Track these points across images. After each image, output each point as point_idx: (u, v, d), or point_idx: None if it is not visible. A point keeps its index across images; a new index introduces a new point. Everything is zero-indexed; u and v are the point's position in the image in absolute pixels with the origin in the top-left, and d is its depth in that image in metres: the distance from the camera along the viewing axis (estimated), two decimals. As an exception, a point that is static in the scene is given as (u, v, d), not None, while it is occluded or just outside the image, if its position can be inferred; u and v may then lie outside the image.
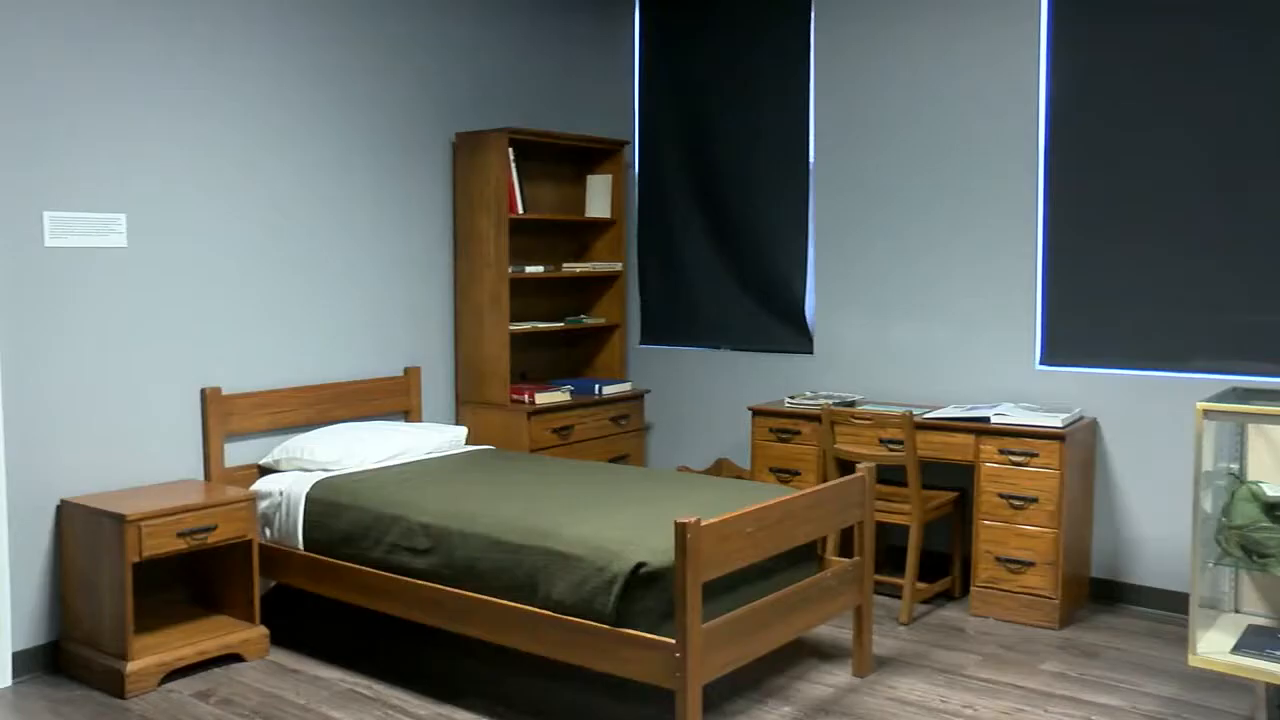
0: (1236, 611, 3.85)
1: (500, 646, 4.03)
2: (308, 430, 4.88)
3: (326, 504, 4.27)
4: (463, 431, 5.10)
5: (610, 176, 6.07)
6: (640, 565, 3.34)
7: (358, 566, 4.10)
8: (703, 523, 3.19)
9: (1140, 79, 4.75)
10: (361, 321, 5.18)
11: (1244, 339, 4.58)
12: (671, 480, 4.41)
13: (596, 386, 5.77)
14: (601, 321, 6.10)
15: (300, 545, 4.32)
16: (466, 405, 5.56)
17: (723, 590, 3.51)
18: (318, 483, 4.39)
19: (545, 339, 6.04)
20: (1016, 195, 5.05)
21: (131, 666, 3.87)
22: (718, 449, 5.99)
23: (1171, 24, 4.67)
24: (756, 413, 5.29)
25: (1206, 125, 4.62)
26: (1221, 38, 4.56)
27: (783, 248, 5.78)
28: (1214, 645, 3.54)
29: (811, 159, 5.66)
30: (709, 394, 6.04)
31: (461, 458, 4.85)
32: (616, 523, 3.65)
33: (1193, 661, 3.51)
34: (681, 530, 3.14)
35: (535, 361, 6.00)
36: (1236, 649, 3.51)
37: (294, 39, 4.83)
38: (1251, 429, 3.76)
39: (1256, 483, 3.59)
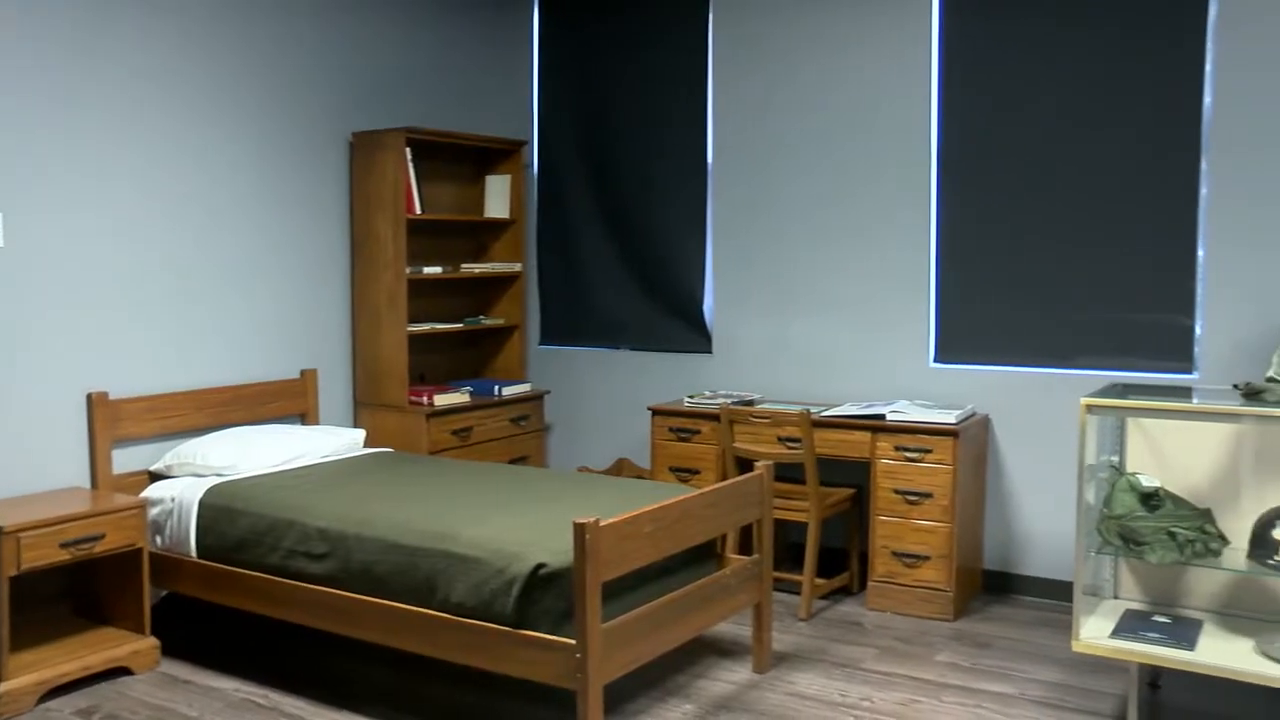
0: (1116, 598, 3.98)
1: (401, 650, 3.99)
2: (201, 435, 4.77)
3: (220, 509, 4.18)
4: (360, 434, 5.03)
5: (509, 176, 6.05)
6: (540, 566, 3.33)
7: (253, 573, 4.02)
8: (601, 523, 3.20)
9: (1029, 80, 4.89)
10: (256, 323, 5.08)
11: (1125, 336, 4.75)
12: (571, 481, 4.41)
13: (496, 387, 5.75)
14: (501, 322, 6.08)
15: (193, 552, 4.22)
16: (364, 407, 5.49)
17: (623, 590, 3.52)
18: (211, 488, 4.29)
19: (444, 340, 6.00)
20: (911, 195, 5.16)
21: (5, 686, 3.72)
22: (618, 449, 6.00)
23: (1057, 26, 4.81)
24: (656, 412, 5.32)
25: (1088, 127, 4.77)
26: (1101, 40, 4.72)
27: (681, 247, 5.82)
28: (1095, 631, 3.66)
29: (709, 158, 5.71)
30: (609, 394, 6.05)
31: (359, 460, 4.79)
32: (516, 524, 3.64)
33: (1076, 647, 3.61)
34: (580, 531, 3.15)
35: (434, 363, 5.95)
36: (1115, 633, 3.63)
37: (177, 33, 4.72)
38: (1130, 422, 3.89)
39: (1134, 474, 3.72)
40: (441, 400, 5.39)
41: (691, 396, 5.37)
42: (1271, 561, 3.46)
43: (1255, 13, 4.41)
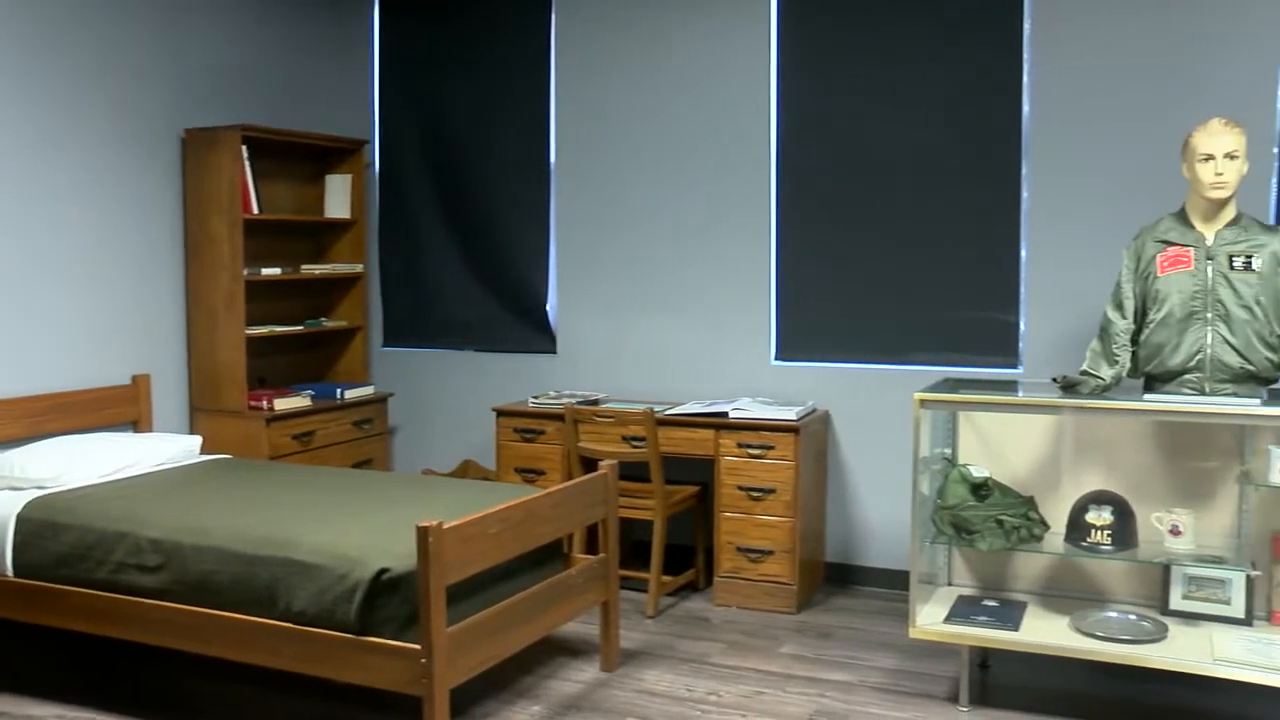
0: (949, 584, 4.14)
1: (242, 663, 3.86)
2: (21, 445, 4.53)
3: (41, 524, 3.95)
4: (197, 441, 4.86)
5: (349, 176, 5.93)
6: (383, 571, 3.28)
7: (78, 589, 3.83)
8: (445, 525, 3.17)
9: (864, 86, 5.04)
10: (84, 327, 4.86)
11: (955, 333, 4.94)
12: (416, 484, 4.36)
13: (338, 391, 5.64)
14: (343, 324, 5.96)
15: (9, 571, 3.99)
16: (201, 413, 5.31)
17: (469, 592, 3.49)
18: (31, 502, 4.06)
19: (284, 343, 5.84)
20: (751, 196, 5.26)
21: None
22: (463, 451, 5.95)
23: (891, 35, 4.97)
24: (500, 413, 5.30)
25: (920, 132, 4.94)
26: (930, 49, 4.90)
27: (524, 247, 5.80)
28: (930, 617, 3.81)
29: (552, 158, 5.71)
30: (453, 395, 5.99)
31: (195, 468, 4.63)
32: (359, 529, 3.58)
33: (912, 633, 3.76)
34: (424, 534, 3.11)
35: (274, 366, 5.78)
36: (948, 619, 3.79)
37: (-3, 25, 4.50)
38: (961, 416, 4.05)
39: (965, 465, 3.88)
40: (282, 404, 5.26)
41: (536, 397, 5.36)
42: (1085, 544, 3.66)
43: (1066, 28, 4.65)
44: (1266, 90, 4.39)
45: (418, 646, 3.18)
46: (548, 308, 5.79)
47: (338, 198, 5.94)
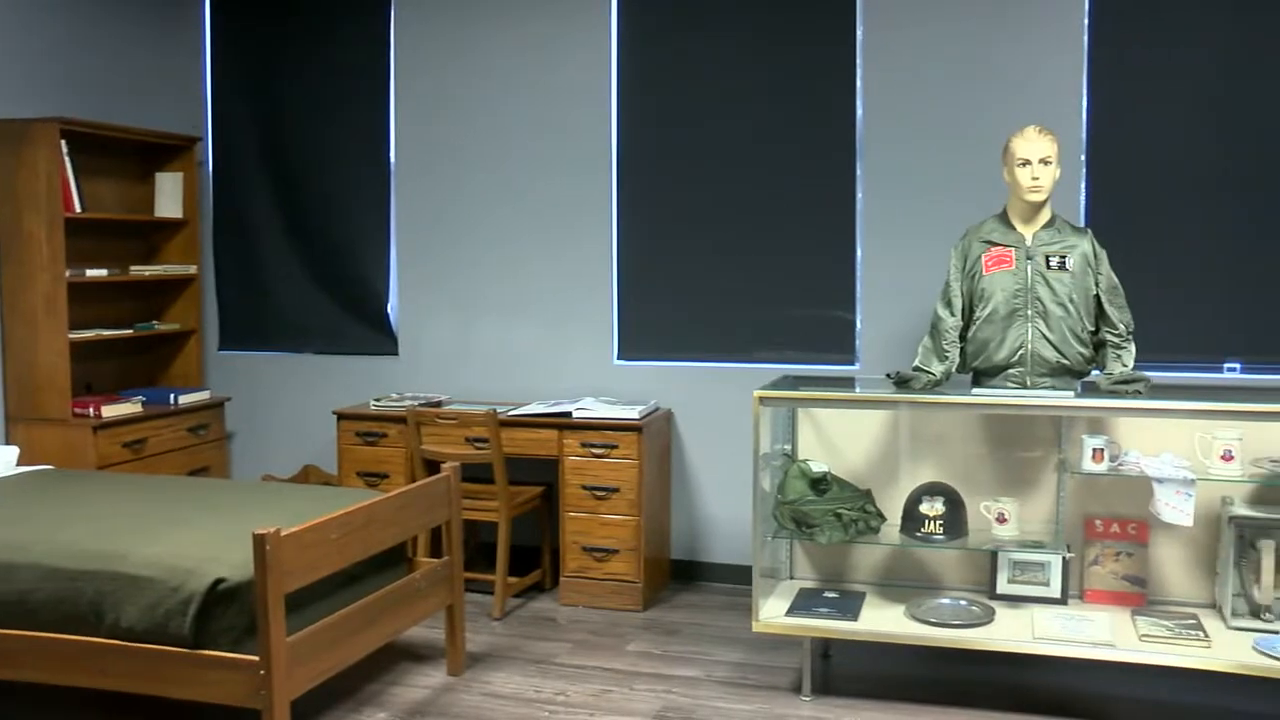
0: (791, 578, 4.24)
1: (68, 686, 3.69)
2: None
3: None
4: (13, 452, 4.63)
5: (181, 174, 5.72)
6: (219, 581, 3.18)
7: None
8: (283, 532, 3.10)
9: (703, 86, 5.11)
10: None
11: (795, 330, 5.05)
12: (255, 490, 4.25)
13: (172, 396, 5.44)
14: (176, 327, 5.75)
15: None
16: (19, 423, 5.05)
17: (310, 600, 3.41)
18: None
19: (113, 347, 5.59)
20: (592, 195, 5.28)
21: None
22: (304, 455, 5.81)
23: (728, 37, 5.06)
24: (342, 416, 5.20)
25: (759, 133, 5.04)
26: (767, 52, 5.00)
27: (364, 247, 5.70)
28: (773, 610, 3.89)
29: (392, 156, 5.62)
30: (293, 399, 5.85)
31: (12, 481, 4.39)
32: (193, 539, 3.46)
33: (756, 627, 3.84)
34: (260, 541, 3.03)
35: (102, 372, 5.54)
36: (790, 611, 3.88)
37: None
38: (801, 412, 4.15)
39: (805, 461, 3.97)
40: (110, 411, 5.05)
41: (378, 400, 5.28)
42: (919, 534, 3.79)
43: (896, 35, 4.81)
44: (1074, 101, 4.62)
45: (256, 658, 3.10)
46: (389, 308, 5.70)
47: (169, 196, 5.73)
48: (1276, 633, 3.55)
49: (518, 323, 5.45)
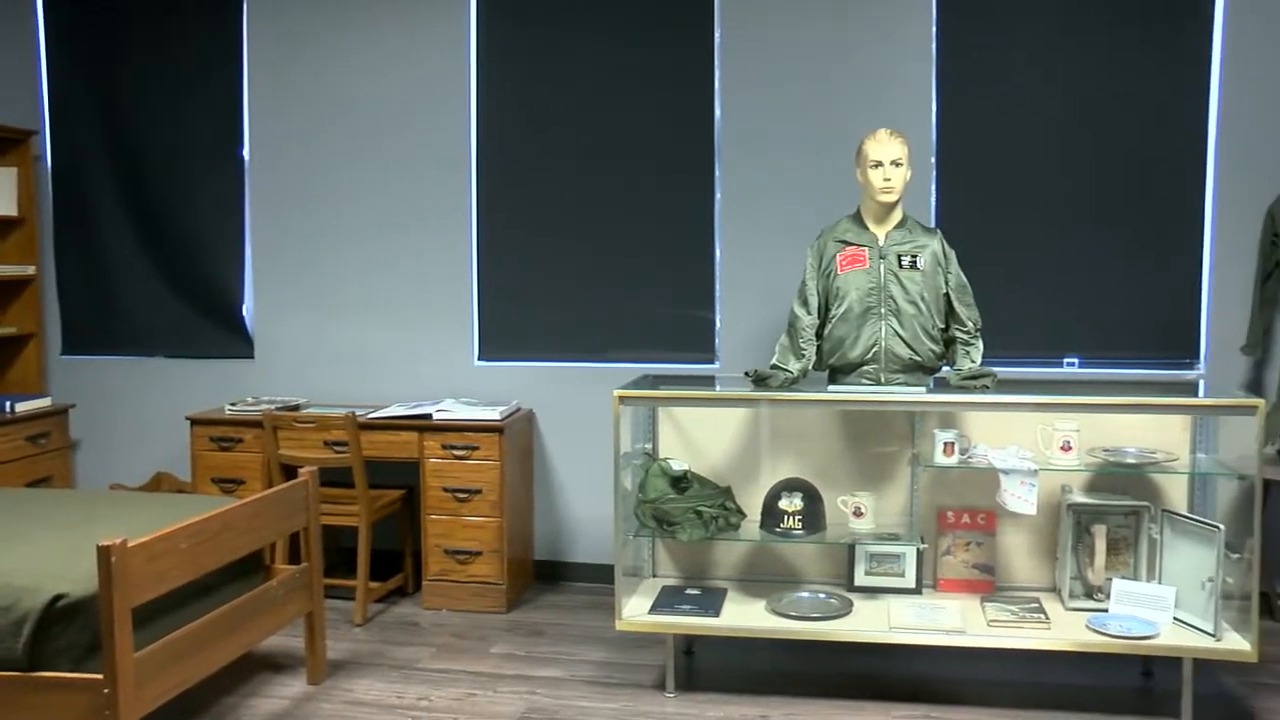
0: (654, 576, 4.27)
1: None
2: None
3: None
4: None
5: (15, 170, 5.47)
6: (58, 598, 3.04)
7: None
8: (130, 543, 2.98)
9: (562, 85, 5.11)
10: None
11: (655, 330, 5.09)
12: (102, 501, 4.09)
13: (8, 403, 5.20)
14: (12, 331, 5.50)
15: None
16: None
17: (160, 613, 3.29)
18: None
19: (-58, 353, 5.33)
20: (451, 193, 5.23)
21: None
22: (156, 463, 5.61)
23: (586, 36, 5.07)
24: (195, 422, 5.04)
25: (618, 134, 5.06)
26: (628, 52, 5.03)
27: (217, 247, 5.54)
28: (636, 609, 3.91)
29: (246, 152, 5.47)
30: (144, 405, 5.64)
31: None
32: (31, 553, 3.31)
33: (619, 626, 3.85)
34: (105, 553, 2.91)
35: (-69, 379, 5.27)
36: (653, 609, 3.91)
37: None
38: (661, 411, 4.18)
39: (665, 460, 4.01)
40: (-60, 421, 4.81)
41: (233, 404, 5.14)
42: (779, 530, 3.86)
43: (754, 35, 4.89)
44: (925, 104, 4.77)
45: (99, 676, 2.97)
46: (244, 309, 5.55)
47: (2, 193, 5.46)
48: (1107, 611, 3.73)
49: (377, 323, 5.36)
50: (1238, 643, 3.51)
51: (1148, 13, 4.63)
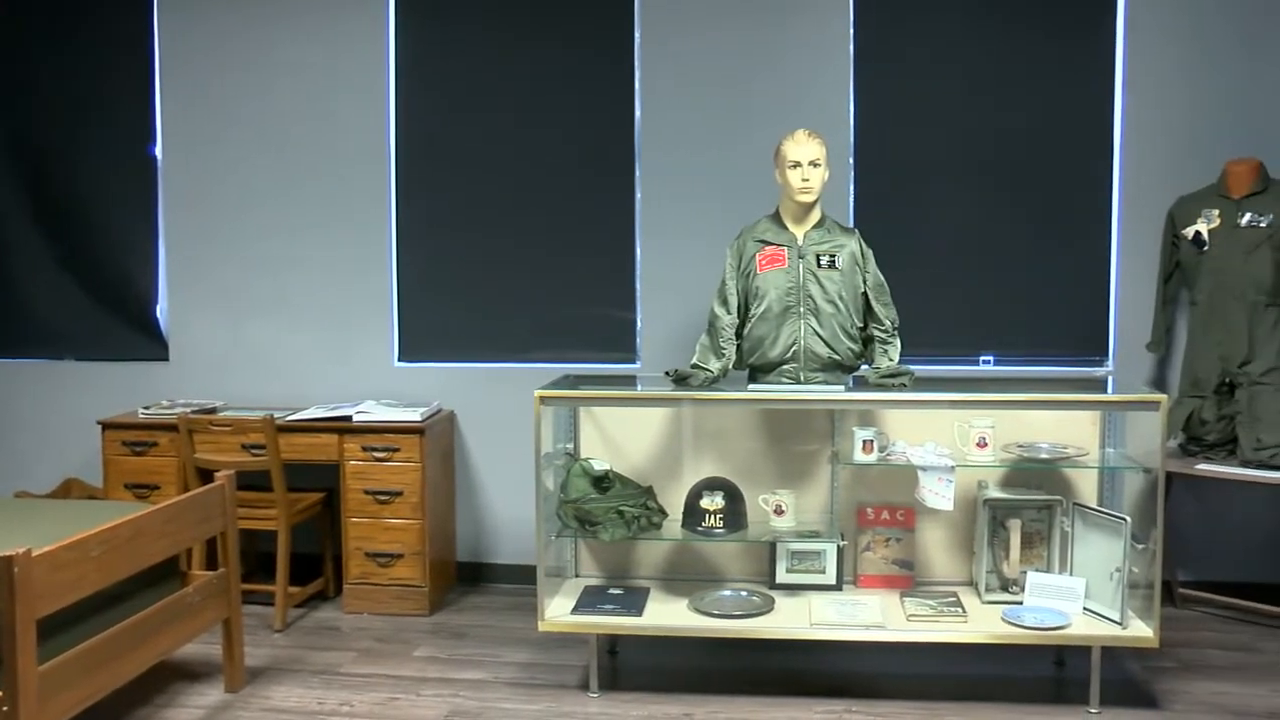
0: (577, 576, 4.27)
1: None
2: None
3: None
4: None
5: (-84, 168, 5.31)
6: (-44, 611, 2.96)
7: None
8: (35, 552, 2.91)
9: (483, 86, 5.09)
10: None
11: (577, 330, 5.09)
12: (7, 509, 3.98)
13: (-91, 409, 5.05)
14: (-87, 334, 5.34)
15: None
16: None
17: (69, 623, 3.21)
18: None
19: None
20: (369, 194, 5.17)
21: None
22: (65, 469, 5.47)
23: (506, 35, 5.05)
24: (107, 426, 4.93)
25: (540, 134, 5.05)
26: (548, 52, 5.02)
27: (129, 247, 5.41)
28: (559, 609, 3.91)
29: (158, 149, 5.36)
30: (52, 409, 5.49)
31: None
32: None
33: (542, 626, 3.85)
34: (7, 564, 2.83)
35: None
36: (576, 609, 3.91)
37: None
38: (582, 411, 4.18)
39: (587, 459, 4.00)
40: None
41: (147, 407, 5.03)
42: (700, 529, 3.88)
43: (673, 39, 4.91)
44: (842, 106, 4.83)
45: None
46: (157, 311, 5.43)
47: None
48: (1022, 603, 3.81)
49: (295, 324, 5.29)
50: (1141, 630, 3.62)
51: (1057, 20, 4.73)
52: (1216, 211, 4.40)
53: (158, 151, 5.37)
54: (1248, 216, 4.33)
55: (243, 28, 5.24)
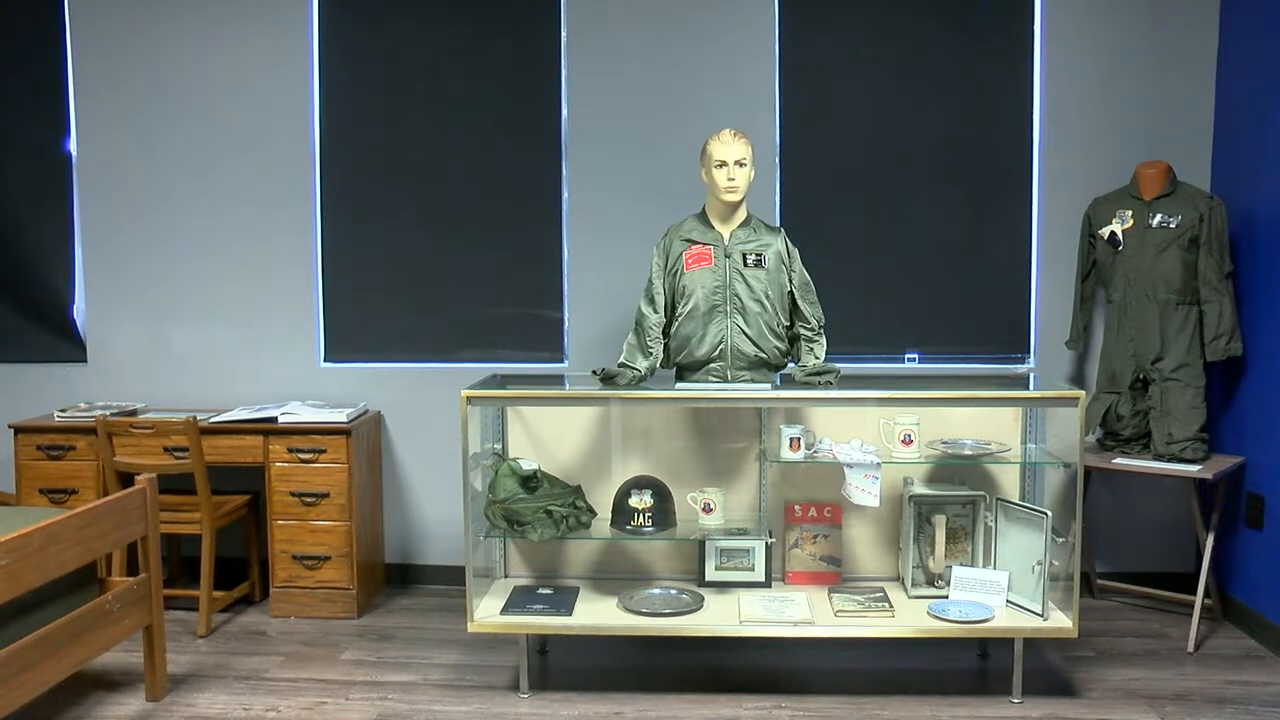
0: (506, 576, 4.26)
1: None
2: None
3: None
4: None
5: None
6: None
7: None
8: (-55, 562, 2.83)
9: (412, 84, 5.04)
10: None
11: (505, 329, 5.07)
12: (-86, 516, 3.86)
13: None
14: None
15: None
16: None
17: (-19, 634, 3.14)
18: None
19: None
20: (293, 191, 5.10)
21: None
22: (-23, 475, 5.34)
23: (431, 34, 5.01)
24: (19, 430, 4.81)
25: (462, 135, 5.02)
26: (474, 49, 4.99)
27: (44, 246, 5.27)
28: (488, 610, 3.90)
29: (73, 148, 5.23)
30: (-37, 414, 5.35)
31: None
32: None
33: (471, 628, 3.83)
34: (-83, 574, 2.76)
35: None
36: (505, 610, 3.90)
37: None
38: (510, 411, 4.17)
39: (515, 459, 3.99)
40: None
41: (63, 410, 4.91)
42: (629, 527, 3.89)
43: (598, 37, 4.91)
44: (768, 105, 4.87)
45: (-93, 706, 2.82)
46: (74, 311, 5.31)
47: None
48: (947, 597, 3.88)
49: (218, 324, 5.20)
50: (1061, 621, 3.70)
51: (979, 25, 4.82)
52: (1130, 212, 4.50)
53: (72, 147, 5.24)
54: (1158, 218, 4.44)
55: (159, 22, 5.13)
